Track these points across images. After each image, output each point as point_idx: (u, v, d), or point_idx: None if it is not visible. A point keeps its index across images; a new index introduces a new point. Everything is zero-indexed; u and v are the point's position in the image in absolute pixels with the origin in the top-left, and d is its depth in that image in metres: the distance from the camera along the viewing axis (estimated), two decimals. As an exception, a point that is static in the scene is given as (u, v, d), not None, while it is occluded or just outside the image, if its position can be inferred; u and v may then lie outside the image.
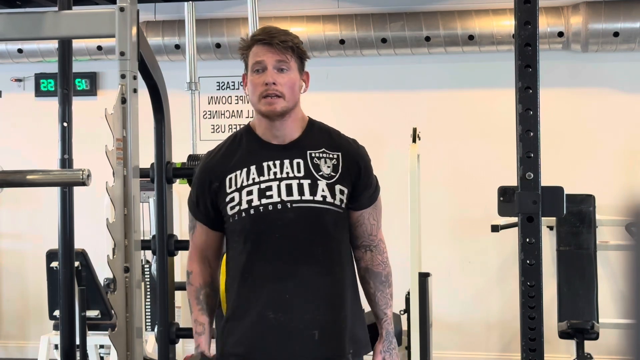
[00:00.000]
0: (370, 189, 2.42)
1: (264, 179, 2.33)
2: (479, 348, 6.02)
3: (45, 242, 5.09)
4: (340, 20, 5.87)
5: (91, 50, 6.14)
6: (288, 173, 2.33)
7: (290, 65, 2.32)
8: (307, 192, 2.31)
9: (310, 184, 2.32)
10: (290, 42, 2.32)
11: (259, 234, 2.32)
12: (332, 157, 2.36)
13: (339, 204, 2.34)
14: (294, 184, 2.32)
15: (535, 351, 1.90)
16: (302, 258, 2.32)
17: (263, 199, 2.31)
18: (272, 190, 2.31)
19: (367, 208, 2.42)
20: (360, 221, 2.42)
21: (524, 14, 1.85)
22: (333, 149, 2.38)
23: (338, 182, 2.34)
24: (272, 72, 2.29)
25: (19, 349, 6.59)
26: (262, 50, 2.31)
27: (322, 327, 2.32)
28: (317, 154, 2.35)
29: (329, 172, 2.34)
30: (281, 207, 2.30)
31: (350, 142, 2.44)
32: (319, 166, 2.34)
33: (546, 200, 1.86)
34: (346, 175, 2.36)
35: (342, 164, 2.36)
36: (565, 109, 5.85)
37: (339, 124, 2.51)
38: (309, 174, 2.33)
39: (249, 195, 2.33)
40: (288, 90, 2.31)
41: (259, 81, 2.30)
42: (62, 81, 3.20)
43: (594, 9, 5.54)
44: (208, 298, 2.45)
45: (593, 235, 5.36)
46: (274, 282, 2.32)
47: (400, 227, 4.62)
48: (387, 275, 2.46)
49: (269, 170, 2.34)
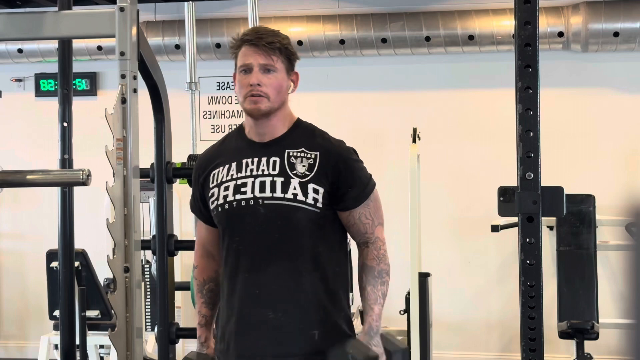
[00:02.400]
0: (356, 189, 2.38)
1: (241, 176, 2.36)
2: (479, 348, 6.02)
3: (45, 242, 5.09)
4: (340, 20, 5.87)
5: (91, 50, 6.14)
6: (263, 170, 2.35)
7: (277, 66, 2.34)
8: (279, 189, 2.32)
9: (283, 181, 2.33)
10: (277, 44, 2.34)
11: (233, 229, 2.36)
12: (310, 157, 2.36)
13: (312, 203, 2.32)
14: (267, 181, 2.34)
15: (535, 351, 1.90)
16: (271, 255, 2.33)
17: (237, 194, 2.35)
18: (247, 187, 2.35)
19: (357, 208, 2.39)
20: (352, 221, 2.40)
21: (524, 14, 1.86)
22: (312, 149, 2.37)
23: (312, 181, 2.33)
24: (257, 73, 2.32)
25: (19, 349, 6.59)
26: (249, 51, 2.34)
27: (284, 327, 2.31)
28: (295, 153, 2.36)
29: (303, 171, 2.34)
30: (253, 202, 2.33)
31: (332, 143, 2.41)
32: (294, 165, 2.34)
33: (546, 200, 1.87)
34: (322, 175, 2.34)
35: (319, 163, 2.35)
36: (565, 109, 5.85)
37: (339, 124, 2.52)
38: (283, 172, 2.34)
39: (225, 191, 2.37)
40: (273, 91, 2.33)
41: (245, 82, 2.34)
42: (62, 81, 3.20)
43: (594, 9, 5.54)
44: (211, 292, 2.52)
45: (593, 235, 5.36)
46: (246, 277, 2.34)
47: (400, 227, 4.62)
48: (380, 271, 2.39)
49: (247, 167, 2.37)
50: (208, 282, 2.52)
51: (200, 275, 2.53)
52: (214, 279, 2.50)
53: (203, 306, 2.53)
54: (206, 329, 2.53)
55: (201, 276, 2.53)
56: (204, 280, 2.52)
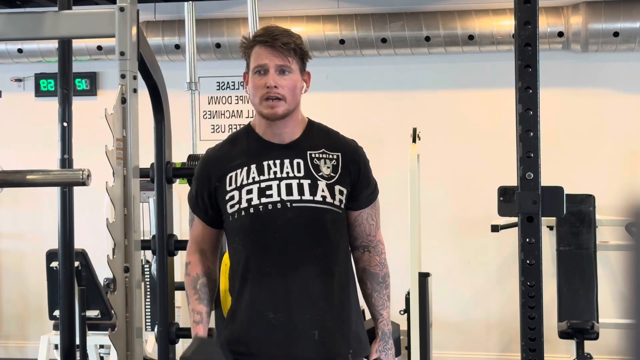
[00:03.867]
0: (369, 189, 2.42)
1: (264, 178, 2.33)
2: (479, 348, 6.02)
3: (45, 242, 5.09)
4: (340, 20, 5.87)
5: (91, 50, 6.14)
6: (288, 173, 2.33)
7: (292, 67, 2.32)
8: (307, 192, 2.31)
9: (310, 184, 2.32)
10: (292, 44, 2.32)
11: (259, 233, 2.33)
12: (332, 158, 2.37)
13: (338, 205, 2.34)
14: (294, 183, 2.32)
15: (535, 351, 1.90)
16: (302, 258, 2.32)
17: (263, 198, 2.32)
18: (272, 190, 2.32)
19: (366, 208, 2.42)
20: (359, 221, 2.42)
21: (524, 14, 1.86)
22: (332, 150, 2.38)
23: (337, 183, 2.35)
24: (273, 75, 2.29)
25: (19, 349, 6.59)
26: (264, 52, 2.31)
27: (322, 327, 2.32)
28: (317, 155, 2.36)
29: (328, 172, 2.34)
30: (281, 206, 2.31)
31: (349, 143, 2.44)
32: (319, 167, 2.34)
33: (546, 200, 1.86)
34: (345, 175, 2.36)
35: (342, 164, 2.37)
36: (565, 109, 5.85)
37: (339, 124, 2.51)
38: (308, 174, 2.33)
39: (248, 194, 2.33)
40: (289, 93, 2.31)
41: (261, 83, 2.30)
42: (62, 81, 3.20)
43: (594, 9, 5.54)
44: (205, 287, 2.45)
45: (593, 235, 5.36)
46: (273, 282, 2.32)
47: (400, 227, 4.62)
48: (384, 276, 2.46)
49: (269, 169, 2.34)
50: (201, 276, 2.45)
51: (193, 270, 2.46)
52: (207, 274, 2.46)
53: (197, 303, 2.43)
54: (203, 326, 2.43)
55: (194, 271, 2.46)
56: (197, 275, 2.45)
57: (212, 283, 2.48)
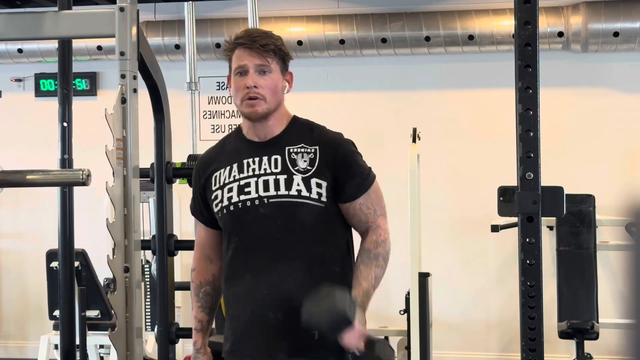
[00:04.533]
0: (356, 179, 2.37)
1: (244, 176, 2.36)
2: (479, 348, 6.02)
3: (45, 242, 5.09)
4: (340, 20, 5.87)
5: (91, 50, 6.14)
6: (266, 169, 2.35)
7: (272, 67, 2.34)
8: (283, 187, 2.32)
9: (286, 179, 2.33)
10: (271, 45, 2.34)
11: (239, 230, 2.36)
12: (310, 151, 2.36)
13: (316, 198, 2.32)
14: (270, 179, 2.33)
15: (535, 351, 1.90)
16: (280, 253, 2.33)
17: (242, 195, 2.34)
18: (250, 187, 2.34)
19: (358, 199, 2.37)
20: (352, 212, 2.38)
21: (524, 14, 1.86)
22: (311, 144, 2.37)
23: (314, 176, 2.33)
24: (253, 75, 2.32)
25: (19, 349, 6.59)
26: (243, 53, 2.34)
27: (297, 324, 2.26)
28: (295, 149, 2.36)
29: (305, 166, 2.34)
30: (258, 202, 2.33)
31: (330, 136, 2.41)
32: (296, 161, 2.35)
33: (546, 200, 1.87)
34: (323, 168, 2.33)
35: (319, 157, 2.35)
36: (565, 109, 5.85)
37: (339, 124, 2.51)
38: (285, 170, 2.34)
39: (229, 192, 2.36)
40: (269, 92, 2.34)
41: (241, 84, 2.34)
42: (62, 81, 3.20)
43: (594, 9, 5.54)
44: (207, 296, 2.49)
45: (593, 235, 5.36)
46: (253, 278, 2.33)
47: (400, 227, 4.61)
48: (377, 254, 2.34)
49: (248, 167, 2.37)
50: (205, 285, 2.48)
51: (197, 278, 2.49)
52: (210, 283, 2.48)
53: (199, 310, 2.49)
54: (202, 334, 2.48)
55: (198, 279, 2.49)
56: (200, 283, 2.48)
57: (215, 291, 2.50)
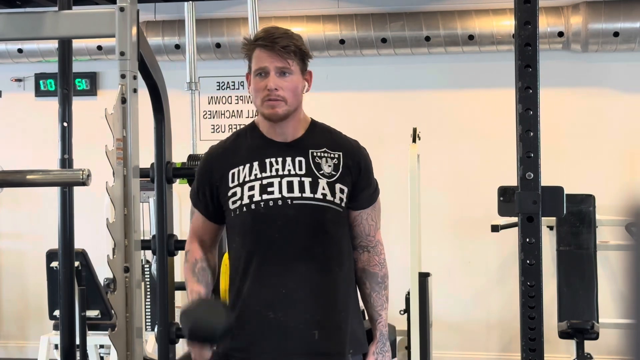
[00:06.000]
0: (370, 189, 2.44)
1: (266, 175, 2.35)
2: (479, 348, 6.02)
3: (45, 242, 5.09)
4: (340, 20, 5.87)
5: (91, 50, 6.14)
6: (290, 170, 2.35)
7: (292, 69, 2.34)
8: (308, 189, 2.33)
9: (311, 182, 2.34)
10: (292, 47, 2.34)
11: (260, 230, 2.35)
12: (333, 157, 2.39)
13: (338, 203, 2.36)
14: (295, 181, 2.34)
15: (535, 351, 1.90)
16: (302, 255, 2.34)
17: (264, 194, 2.34)
18: (274, 187, 2.34)
19: (366, 208, 2.44)
20: (359, 221, 2.43)
21: (524, 14, 1.86)
22: (334, 149, 2.40)
23: (338, 181, 2.36)
24: (274, 77, 2.31)
25: (19, 349, 6.59)
26: (264, 54, 2.33)
27: (321, 326, 2.33)
28: (319, 153, 2.38)
29: (329, 171, 2.37)
30: (282, 203, 2.33)
31: (351, 142, 2.46)
32: (320, 165, 2.37)
33: (546, 200, 1.87)
34: (346, 174, 2.38)
35: (343, 163, 2.39)
36: (565, 109, 5.85)
37: (339, 124, 2.52)
38: (310, 172, 2.35)
39: (250, 191, 2.35)
40: (290, 94, 2.33)
41: (261, 86, 2.33)
42: (62, 81, 3.20)
43: (594, 9, 5.54)
44: (204, 272, 2.45)
45: (593, 235, 5.36)
46: (273, 279, 2.33)
47: (400, 227, 4.62)
48: (383, 276, 2.46)
49: (271, 166, 2.36)
50: (200, 261, 2.45)
51: (192, 256, 2.46)
52: (205, 260, 2.46)
53: (195, 284, 2.42)
54: None
55: (193, 257, 2.46)
56: (195, 260, 2.45)
57: (210, 269, 2.48)
